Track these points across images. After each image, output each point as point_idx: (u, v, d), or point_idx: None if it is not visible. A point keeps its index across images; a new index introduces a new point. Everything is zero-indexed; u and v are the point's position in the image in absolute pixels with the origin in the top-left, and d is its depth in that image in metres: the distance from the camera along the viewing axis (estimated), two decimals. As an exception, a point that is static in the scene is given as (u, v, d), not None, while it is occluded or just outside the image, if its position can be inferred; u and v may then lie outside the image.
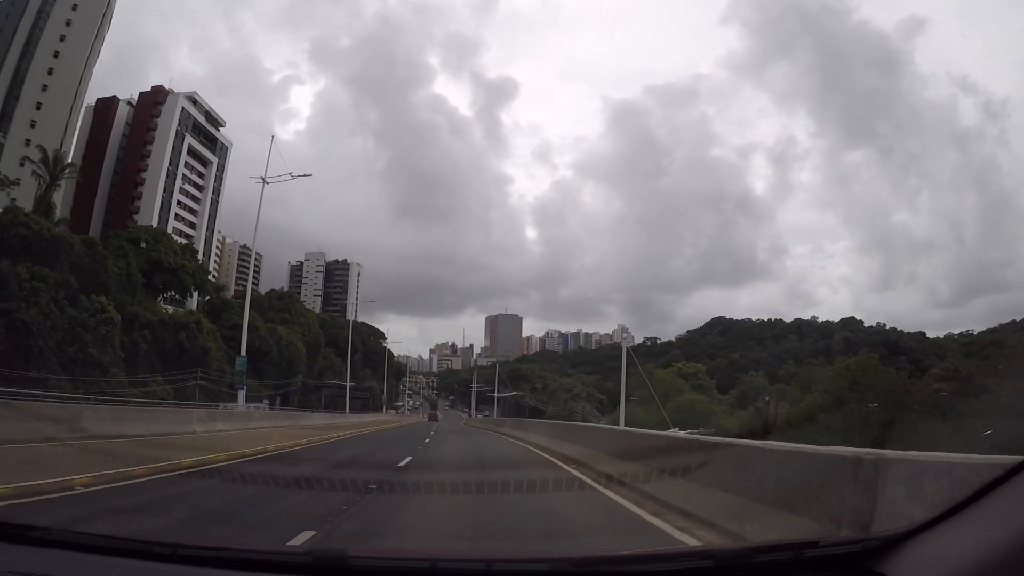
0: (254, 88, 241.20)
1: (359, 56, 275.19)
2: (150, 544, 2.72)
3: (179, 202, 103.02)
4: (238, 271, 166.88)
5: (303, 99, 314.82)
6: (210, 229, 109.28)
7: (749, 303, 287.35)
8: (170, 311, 76.24)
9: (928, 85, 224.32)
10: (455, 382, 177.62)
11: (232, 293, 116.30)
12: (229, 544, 3.12)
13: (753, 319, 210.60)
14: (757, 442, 7.85)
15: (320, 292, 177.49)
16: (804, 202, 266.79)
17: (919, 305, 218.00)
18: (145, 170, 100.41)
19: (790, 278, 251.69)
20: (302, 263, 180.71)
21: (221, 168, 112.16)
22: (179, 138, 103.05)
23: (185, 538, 3.65)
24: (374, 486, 10.29)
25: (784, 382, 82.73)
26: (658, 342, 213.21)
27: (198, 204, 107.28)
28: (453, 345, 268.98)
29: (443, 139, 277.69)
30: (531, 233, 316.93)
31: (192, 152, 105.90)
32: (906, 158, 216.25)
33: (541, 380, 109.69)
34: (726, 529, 6.30)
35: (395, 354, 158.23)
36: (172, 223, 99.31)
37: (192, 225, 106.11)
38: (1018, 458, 2.22)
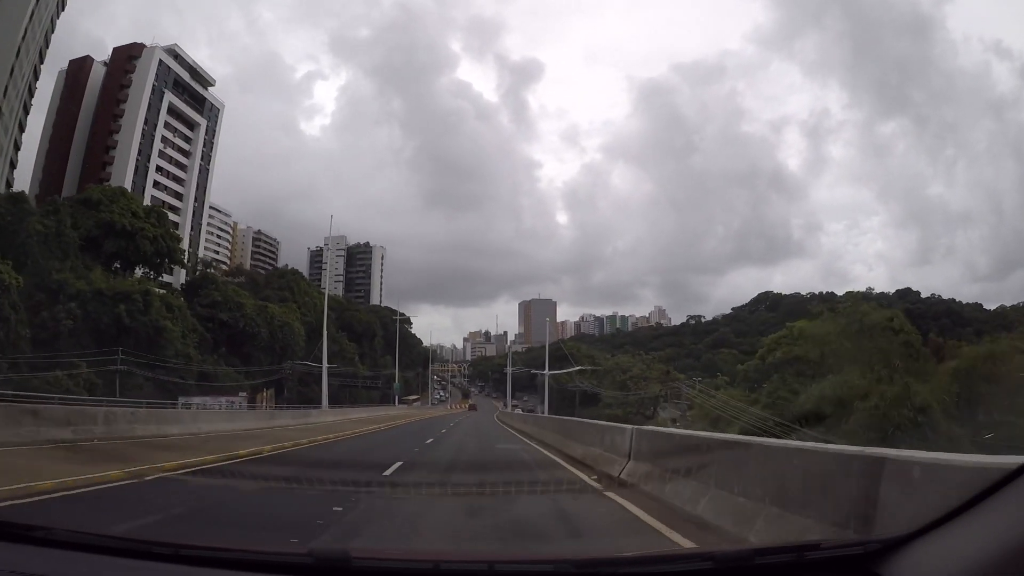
0: (277, 85, 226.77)
1: (380, 46, 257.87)
2: (152, 544, 2.59)
3: (159, 168, 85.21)
4: (252, 257, 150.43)
5: (327, 93, 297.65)
6: (199, 200, 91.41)
7: (784, 282, 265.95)
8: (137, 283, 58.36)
9: (960, 52, 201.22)
10: (488, 368, 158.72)
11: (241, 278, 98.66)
12: (231, 544, 2.87)
13: (803, 293, 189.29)
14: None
15: (341, 277, 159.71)
16: (838, 177, 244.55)
17: (957, 279, 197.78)
18: (117, 132, 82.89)
19: (825, 255, 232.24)
20: (321, 248, 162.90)
21: (212, 132, 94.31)
22: (157, 95, 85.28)
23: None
24: None
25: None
26: (702, 320, 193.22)
27: (185, 172, 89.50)
28: (487, 333, 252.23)
29: (469, 125, 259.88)
30: (562, 218, 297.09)
31: (174, 112, 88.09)
32: (941, 128, 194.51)
33: (590, 360, 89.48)
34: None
35: (425, 342, 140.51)
36: (151, 191, 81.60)
37: (178, 196, 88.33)
38: (1019, 460, 2.12)
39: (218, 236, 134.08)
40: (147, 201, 78.09)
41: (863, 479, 3.80)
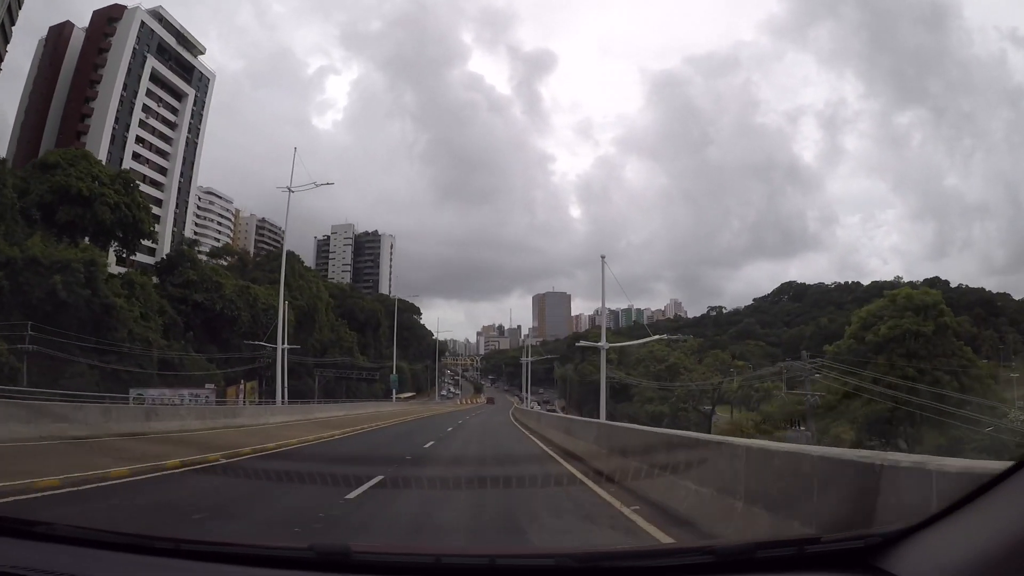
0: (289, 80, 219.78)
1: (391, 38, 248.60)
2: (153, 539, 2.52)
3: (140, 139, 76.21)
4: (256, 245, 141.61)
5: (339, 88, 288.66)
6: (186, 175, 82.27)
7: (799, 275, 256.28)
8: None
9: (976, 40, 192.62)
10: (502, 361, 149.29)
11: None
12: (231, 539, 2.91)
13: (827, 283, 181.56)
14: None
15: (349, 267, 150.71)
16: (854, 169, 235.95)
17: (974, 272, 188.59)
18: (94, 98, 74.02)
19: (841, 248, 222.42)
20: (328, 237, 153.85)
21: (201, 103, 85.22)
22: (138, 60, 76.26)
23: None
24: None
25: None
26: (724, 311, 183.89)
27: (170, 145, 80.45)
28: (500, 327, 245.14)
29: (482, 118, 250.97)
30: (575, 212, 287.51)
31: (158, 80, 79.03)
32: (958, 118, 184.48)
33: (615, 350, 78.94)
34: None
35: (435, 333, 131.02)
36: (129, 163, 72.51)
37: (162, 170, 79.28)
38: (1008, 463, 2.13)
39: (219, 223, 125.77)
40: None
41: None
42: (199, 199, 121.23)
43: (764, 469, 5.27)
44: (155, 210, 77.31)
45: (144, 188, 75.23)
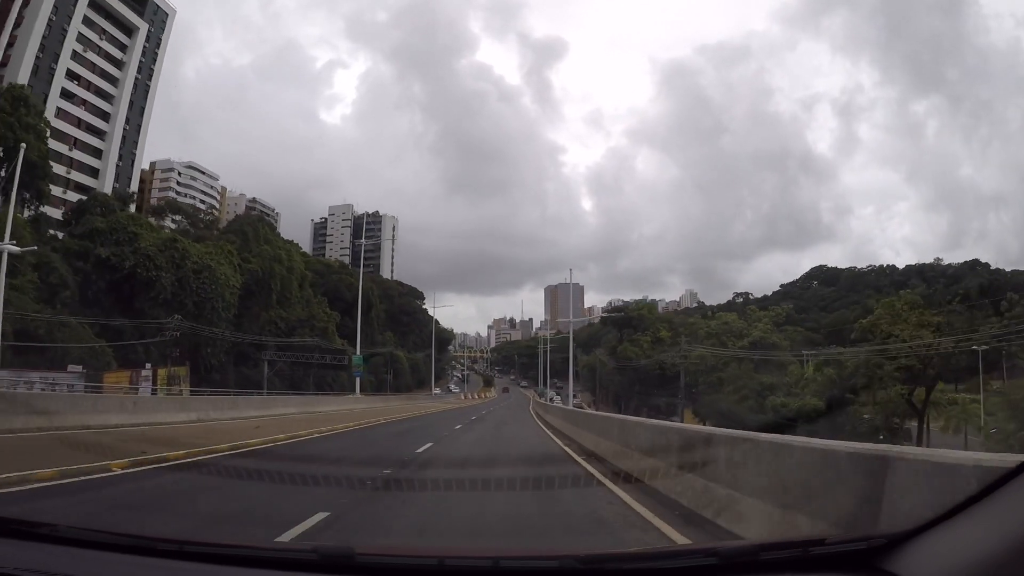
0: (297, 75, 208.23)
1: (398, 29, 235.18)
2: (156, 541, 2.49)
3: (74, 75, 60.85)
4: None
5: (347, 82, 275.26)
6: (136, 124, 66.83)
7: (813, 267, 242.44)
8: None
9: (993, 27, 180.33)
10: (514, 352, 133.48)
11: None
12: (236, 541, 2.83)
13: (859, 267, 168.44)
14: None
15: (348, 250, 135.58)
16: (869, 159, 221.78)
17: (990, 263, 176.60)
18: (20, 24, 58.95)
19: (854, 239, 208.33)
20: (326, 219, 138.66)
21: (157, 41, 69.81)
22: (74, -20, 61.13)
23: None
24: None
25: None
26: (751, 297, 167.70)
27: (115, 87, 65.06)
28: (512, 319, 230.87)
29: (492, 108, 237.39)
30: (587, 204, 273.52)
31: (101, 8, 63.77)
32: (975, 106, 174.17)
33: (667, 325, 62.45)
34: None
35: (442, 324, 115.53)
36: (57, 101, 57.28)
37: (104, 116, 63.88)
38: (1020, 458, 2.11)
39: (202, 200, 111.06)
40: (54, 115, 54.23)
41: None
42: (179, 174, 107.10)
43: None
44: (95, 162, 62.29)
45: (81, 135, 60.23)
